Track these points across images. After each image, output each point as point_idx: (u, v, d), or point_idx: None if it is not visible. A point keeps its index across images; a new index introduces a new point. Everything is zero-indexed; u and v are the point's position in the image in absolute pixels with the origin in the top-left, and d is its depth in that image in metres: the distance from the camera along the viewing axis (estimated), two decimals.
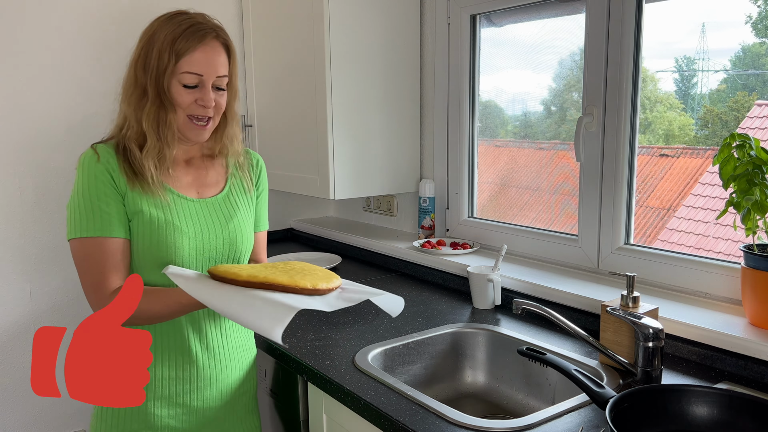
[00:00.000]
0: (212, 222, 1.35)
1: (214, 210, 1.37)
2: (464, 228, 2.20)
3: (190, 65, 1.25)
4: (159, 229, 1.28)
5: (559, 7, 1.89)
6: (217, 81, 1.29)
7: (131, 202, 1.27)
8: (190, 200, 1.35)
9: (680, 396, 1.10)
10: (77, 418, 2.21)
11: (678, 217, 1.86)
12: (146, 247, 1.27)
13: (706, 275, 1.53)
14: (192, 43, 1.25)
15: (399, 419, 1.16)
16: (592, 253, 1.78)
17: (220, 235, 1.36)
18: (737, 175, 1.32)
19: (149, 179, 1.27)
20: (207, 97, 1.27)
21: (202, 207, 1.36)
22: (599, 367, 1.36)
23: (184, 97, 1.27)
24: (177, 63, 1.25)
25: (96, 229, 1.23)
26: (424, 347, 1.58)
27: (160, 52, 1.25)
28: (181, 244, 1.29)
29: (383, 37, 2.18)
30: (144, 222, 1.27)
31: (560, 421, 1.15)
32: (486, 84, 2.16)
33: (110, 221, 1.24)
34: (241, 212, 1.41)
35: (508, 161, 2.23)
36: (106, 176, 1.25)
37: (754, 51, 1.56)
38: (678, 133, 1.79)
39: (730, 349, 1.32)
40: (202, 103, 1.28)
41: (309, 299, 1.12)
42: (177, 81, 1.26)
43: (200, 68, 1.26)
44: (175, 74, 1.26)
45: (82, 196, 1.24)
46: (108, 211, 1.24)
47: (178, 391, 1.33)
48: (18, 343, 2.09)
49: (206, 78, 1.27)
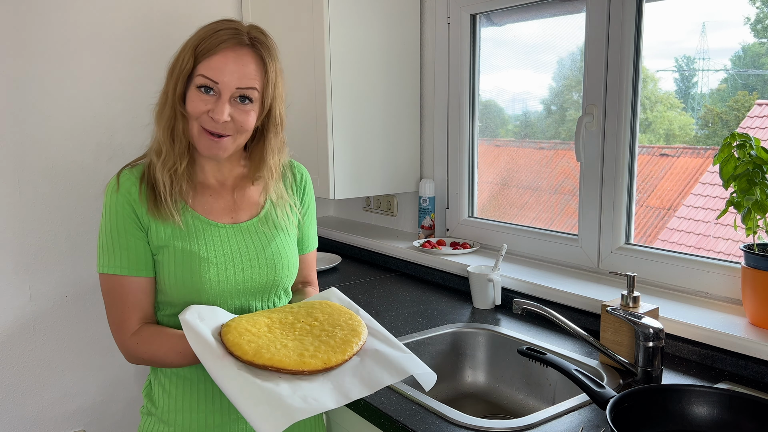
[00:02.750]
0: (246, 249, 1.22)
1: (249, 236, 1.24)
2: (464, 228, 2.20)
3: (206, 69, 1.13)
4: (183, 261, 1.17)
5: (560, 6, 1.89)
6: (239, 92, 1.15)
7: (155, 235, 1.17)
8: (221, 226, 1.22)
9: (680, 396, 1.10)
10: (77, 418, 2.21)
11: (678, 216, 1.86)
12: (172, 283, 1.17)
13: (707, 275, 1.52)
14: (213, 45, 1.14)
15: (399, 419, 1.16)
16: (593, 253, 1.78)
17: (256, 264, 1.22)
18: (737, 174, 1.32)
19: (162, 196, 1.16)
20: (219, 108, 1.13)
21: (235, 233, 1.23)
22: (599, 367, 1.35)
23: (195, 104, 1.15)
24: (195, 66, 1.15)
25: (116, 267, 1.16)
26: (424, 347, 1.58)
27: (184, 54, 1.16)
28: (207, 277, 1.17)
29: (383, 36, 2.17)
30: (168, 254, 1.17)
31: (560, 421, 1.15)
32: (486, 83, 2.16)
33: (131, 259, 1.16)
34: (281, 236, 1.28)
35: (508, 161, 2.22)
36: (127, 209, 1.16)
37: (754, 50, 1.56)
38: (679, 133, 1.79)
39: (731, 349, 1.32)
40: (212, 115, 1.14)
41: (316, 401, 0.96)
42: (193, 85, 1.15)
43: (216, 74, 1.13)
44: (192, 78, 1.15)
45: (105, 230, 1.18)
46: (129, 248, 1.16)
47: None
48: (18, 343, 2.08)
49: (222, 87, 1.14)
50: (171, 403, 1.22)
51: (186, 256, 1.17)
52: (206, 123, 1.15)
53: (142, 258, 1.17)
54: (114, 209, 1.17)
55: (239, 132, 1.18)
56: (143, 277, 1.17)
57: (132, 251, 1.16)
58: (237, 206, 1.26)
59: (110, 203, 1.18)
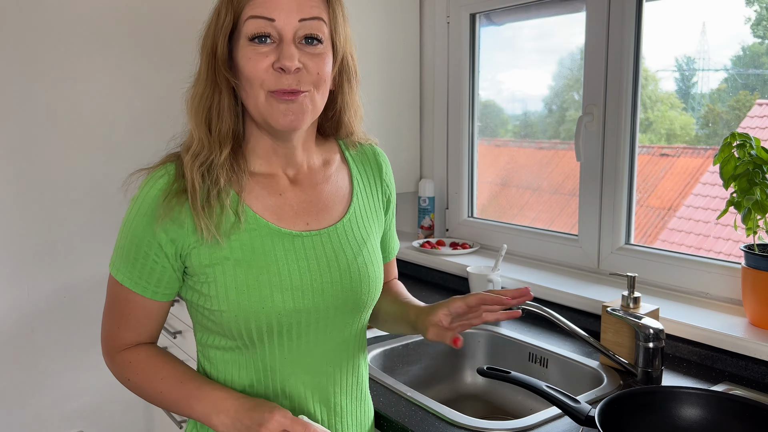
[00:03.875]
0: (327, 266, 0.95)
1: (332, 246, 0.96)
2: (464, 228, 2.20)
3: (254, 8, 0.87)
4: (245, 285, 0.90)
5: (559, 5, 1.89)
6: (304, 28, 0.88)
7: (197, 255, 0.91)
8: (295, 235, 0.94)
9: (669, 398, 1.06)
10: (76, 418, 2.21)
11: (679, 217, 1.85)
12: (228, 311, 0.90)
13: (707, 275, 1.52)
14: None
15: (398, 420, 1.16)
16: (593, 253, 1.77)
17: (339, 284, 0.95)
18: (738, 174, 1.31)
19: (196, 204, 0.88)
20: (286, 52, 0.86)
21: (313, 244, 0.95)
22: (600, 368, 1.35)
23: (253, 62, 0.87)
24: (241, 13, 0.88)
25: (125, 277, 0.93)
26: (424, 348, 1.58)
27: (220, 9, 0.90)
28: (281, 305, 0.91)
29: (383, 35, 2.17)
30: (222, 275, 0.90)
31: (560, 422, 1.15)
32: (486, 83, 2.16)
33: (143, 276, 0.93)
34: (369, 243, 1.01)
35: (508, 161, 2.22)
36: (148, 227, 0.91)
37: (754, 50, 1.56)
38: (680, 133, 1.79)
39: (731, 350, 1.32)
40: (280, 63, 0.86)
41: None
42: (242, 39, 0.88)
43: (270, 8, 0.86)
44: (237, 32, 0.89)
45: (124, 230, 0.94)
46: (144, 266, 0.92)
47: None
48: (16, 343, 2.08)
49: (281, 25, 0.87)
50: None
51: (248, 280, 0.90)
52: (274, 83, 0.87)
53: (154, 280, 0.93)
54: (135, 220, 0.91)
55: (316, 85, 0.90)
56: (152, 299, 0.95)
57: (146, 270, 0.92)
58: (313, 205, 0.98)
59: (134, 209, 0.92)
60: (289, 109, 0.88)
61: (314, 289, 0.93)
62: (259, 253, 0.91)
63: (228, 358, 0.95)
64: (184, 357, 2.04)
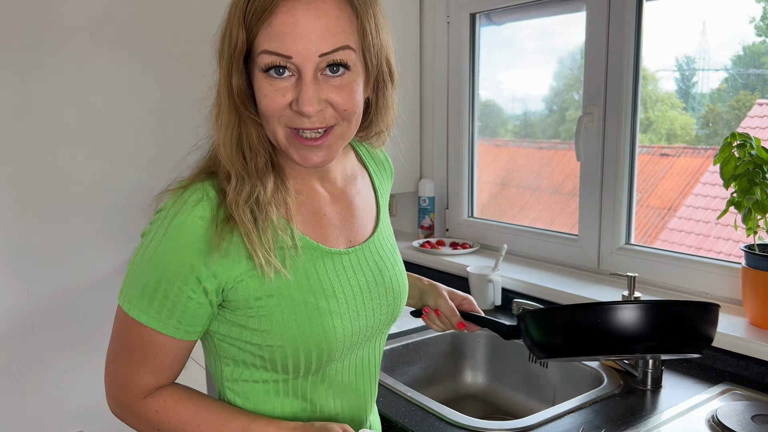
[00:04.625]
0: (374, 282, 0.90)
1: (374, 260, 0.92)
2: (464, 228, 2.20)
3: (267, 39, 0.75)
4: (301, 313, 0.82)
5: (560, 5, 1.89)
6: (326, 60, 0.76)
7: (245, 287, 0.81)
8: (342, 254, 0.88)
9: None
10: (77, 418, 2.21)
11: (679, 216, 1.85)
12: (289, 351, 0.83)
13: (707, 275, 1.52)
14: (268, 1, 0.74)
15: (398, 420, 1.16)
16: (593, 253, 1.77)
17: (384, 299, 0.91)
18: (738, 174, 1.31)
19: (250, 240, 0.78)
20: (303, 96, 0.76)
21: (359, 260, 0.90)
22: (600, 368, 1.35)
23: (269, 99, 0.77)
24: (254, 40, 0.76)
25: (150, 317, 0.82)
26: (424, 348, 1.58)
27: (231, 26, 0.77)
28: (340, 332, 0.85)
29: None
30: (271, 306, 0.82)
31: (560, 422, 1.15)
32: (486, 83, 2.16)
33: (173, 316, 0.81)
34: (397, 250, 0.98)
35: (508, 161, 2.22)
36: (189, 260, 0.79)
37: (754, 50, 1.56)
38: (680, 133, 1.79)
39: (731, 349, 1.32)
40: (298, 108, 0.76)
41: None
42: (257, 69, 0.77)
43: (285, 43, 0.74)
44: (252, 59, 0.77)
45: (149, 265, 0.81)
46: (176, 304, 0.81)
47: None
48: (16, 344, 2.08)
49: (299, 60, 0.75)
50: None
51: (308, 309, 0.83)
52: (292, 121, 0.78)
53: (187, 319, 0.82)
54: (167, 253, 0.79)
55: (346, 118, 0.80)
56: (182, 340, 0.84)
57: (178, 308, 0.81)
58: (350, 220, 0.92)
59: (166, 240, 0.79)
60: (312, 154, 0.80)
61: (366, 309, 0.88)
62: (314, 279, 0.84)
63: (269, 389, 0.88)
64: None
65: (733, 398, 1.21)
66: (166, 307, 0.81)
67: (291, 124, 0.78)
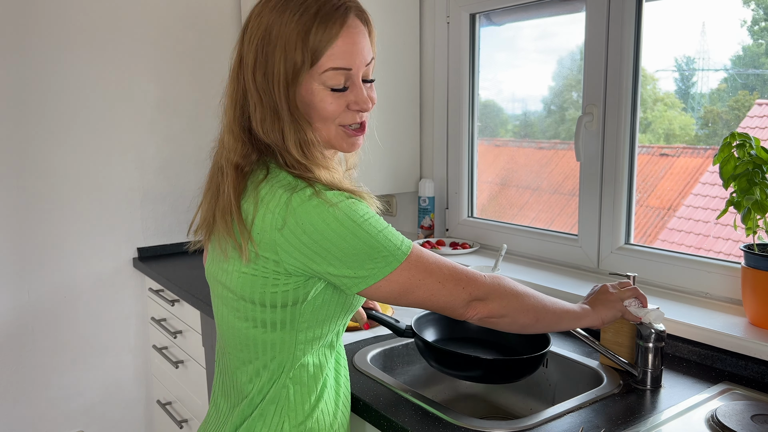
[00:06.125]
0: None
1: None
2: (464, 228, 2.20)
3: (334, 59, 0.96)
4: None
5: (559, 6, 1.89)
6: (366, 71, 1.01)
7: None
8: None
9: None
10: (77, 418, 2.21)
11: (678, 216, 1.85)
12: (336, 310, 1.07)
13: (707, 275, 1.52)
14: (333, 29, 0.95)
15: (398, 420, 1.16)
16: (593, 253, 1.77)
17: None
18: (737, 174, 1.32)
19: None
20: (362, 97, 1.00)
21: None
22: (599, 368, 1.35)
23: (333, 105, 0.98)
24: (317, 62, 0.95)
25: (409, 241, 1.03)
26: None
27: (287, 52, 0.94)
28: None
29: (382, 35, 2.17)
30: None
31: (560, 422, 1.15)
32: (486, 83, 2.16)
33: None
34: None
35: (507, 161, 2.22)
36: None
37: (753, 50, 1.56)
38: (679, 133, 1.79)
39: (730, 349, 1.32)
40: (357, 107, 1.00)
41: None
42: (320, 85, 0.97)
43: (347, 60, 0.96)
44: (314, 76, 0.96)
45: (377, 221, 0.98)
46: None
47: None
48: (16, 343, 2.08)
49: (355, 71, 0.98)
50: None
51: None
52: (349, 119, 1.01)
53: None
54: (370, 211, 0.98)
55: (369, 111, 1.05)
56: None
57: None
58: None
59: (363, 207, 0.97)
60: (359, 140, 1.05)
61: None
62: None
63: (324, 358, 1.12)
64: (184, 357, 2.04)
65: (733, 398, 1.21)
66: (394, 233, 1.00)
67: (343, 122, 1.01)
